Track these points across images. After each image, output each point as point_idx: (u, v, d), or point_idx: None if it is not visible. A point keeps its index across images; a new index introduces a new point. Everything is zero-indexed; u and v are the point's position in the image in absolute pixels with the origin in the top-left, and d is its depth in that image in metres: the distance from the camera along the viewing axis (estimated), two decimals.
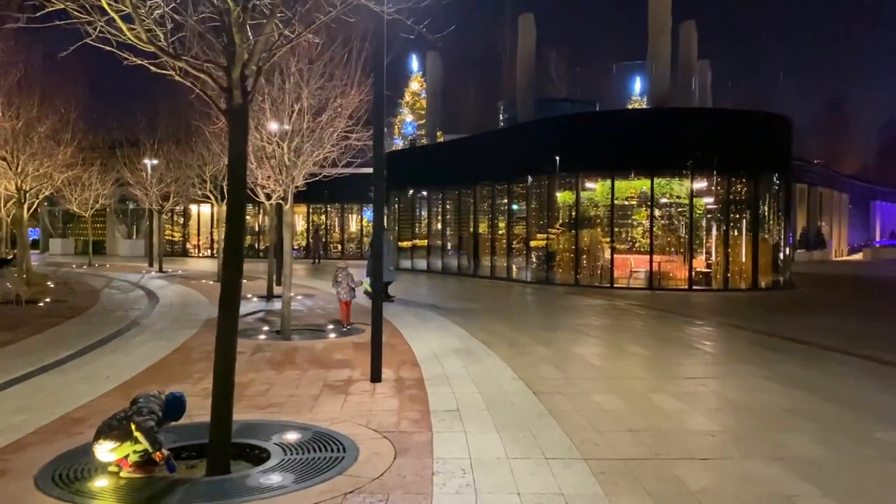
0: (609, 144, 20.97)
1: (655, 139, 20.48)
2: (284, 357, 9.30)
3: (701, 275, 21.10)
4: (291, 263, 11.52)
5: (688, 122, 20.89)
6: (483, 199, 25.51)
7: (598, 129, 21.41)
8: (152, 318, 13.77)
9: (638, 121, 21.44)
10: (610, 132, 21.14)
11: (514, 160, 23.35)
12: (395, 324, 12.53)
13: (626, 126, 21.16)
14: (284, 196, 11.24)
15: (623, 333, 11.94)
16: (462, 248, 26.33)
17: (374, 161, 8.02)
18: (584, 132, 21.67)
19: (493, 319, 13.37)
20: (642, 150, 20.58)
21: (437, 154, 28.53)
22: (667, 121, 21.00)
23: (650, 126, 20.81)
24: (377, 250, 15.36)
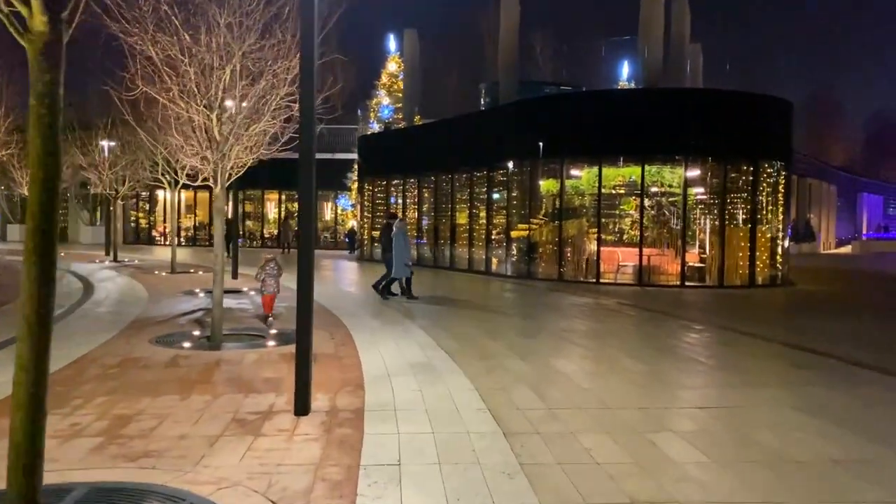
0: (596, 128, 19.31)
1: (647, 122, 18.84)
2: (200, 374, 7.54)
3: (694, 270, 19.55)
4: (223, 256, 9.73)
5: (682, 105, 19.25)
6: (462, 186, 23.78)
7: (585, 110, 19.71)
8: (73, 316, 11.94)
9: (628, 102, 19.76)
10: (597, 114, 19.46)
11: (495, 145, 21.63)
12: (350, 326, 10.80)
13: (616, 108, 19.49)
14: (214, 177, 9.45)
15: (613, 341, 10.28)
16: (439, 239, 24.60)
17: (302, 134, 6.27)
18: (569, 114, 19.97)
19: (465, 321, 11.67)
20: (632, 135, 18.95)
21: (413, 138, 26.73)
22: (659, 102, 19.34)
23: (641, 108, 19.15)
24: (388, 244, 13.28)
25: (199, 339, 9.70)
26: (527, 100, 21.82)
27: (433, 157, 24.50)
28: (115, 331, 10.34)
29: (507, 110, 21.89)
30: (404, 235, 14.76)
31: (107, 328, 10.52)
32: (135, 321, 11.43)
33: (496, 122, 22.25)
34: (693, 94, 20.26)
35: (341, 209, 39.58)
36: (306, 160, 6.12)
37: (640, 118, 18.94)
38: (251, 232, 40.86)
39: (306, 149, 6.14)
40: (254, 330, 10.50)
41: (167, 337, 9.73)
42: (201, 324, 11.02)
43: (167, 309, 12.81)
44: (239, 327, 10.74)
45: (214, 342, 9.43)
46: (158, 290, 16.08)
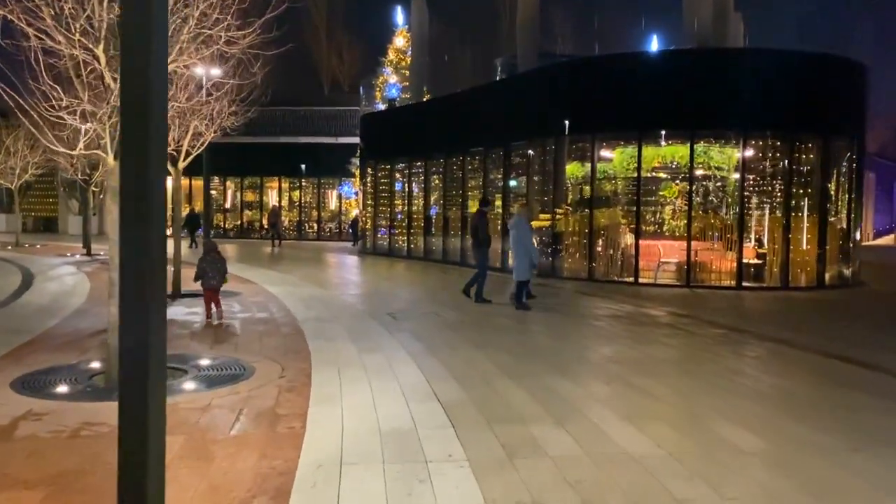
0: (635, 98, 16.11)
1: (696, 91, 15.63)
2: (25, 462, 4.55)
3: (751, 268, 16.35)
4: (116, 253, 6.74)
5: (739, 69, 15.98)
6: (475, 170, 20.67)
7: (621, 77, 16.48)
8: None
9: (673, 66, 16.45)
10: (636, 82, 16.23)
11: (513, 121, 18.51)
12: (316, 353, 7.81)
13: (658, 73, 16.23)
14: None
15: (688, 382, 7.17)
16: (448, 230, 21.52)
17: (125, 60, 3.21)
18: (602, 82, 16.77)
19: (474, 345, 8.61)
20: (678, 106, 15.76)
21: (420, 116, 23.62)
22: (712, 66, 16.07)
23: (690, 74, 15.89)
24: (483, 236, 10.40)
25: (91, 377, 6.74)
26: (550, 65, 18.68)
27: (442, 137, 21.41)
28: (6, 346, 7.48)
29: (527, 79, 18.74)
30: (530, 227, 11.68)
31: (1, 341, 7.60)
32: (36, 338, 8.57)
33: (514, 95, 19.10)
34: (753, 56, 16.93)
35: (345, 198, 36.61)
36: (137, 97, 3.05)
37: (687, 86, 15.72)
38: (250, 223, 38.02)
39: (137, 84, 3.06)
40: (181, 357, 7.50)
41: (46, 374, 6.76)
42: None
43: (93, 320, 9.87)
44: None
45: (109, 383, 6.50)
46: (105, 293, 13.16)
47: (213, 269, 10.20)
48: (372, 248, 25.29)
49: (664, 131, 16.41)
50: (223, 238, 36.46)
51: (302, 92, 42.64)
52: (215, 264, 10.30)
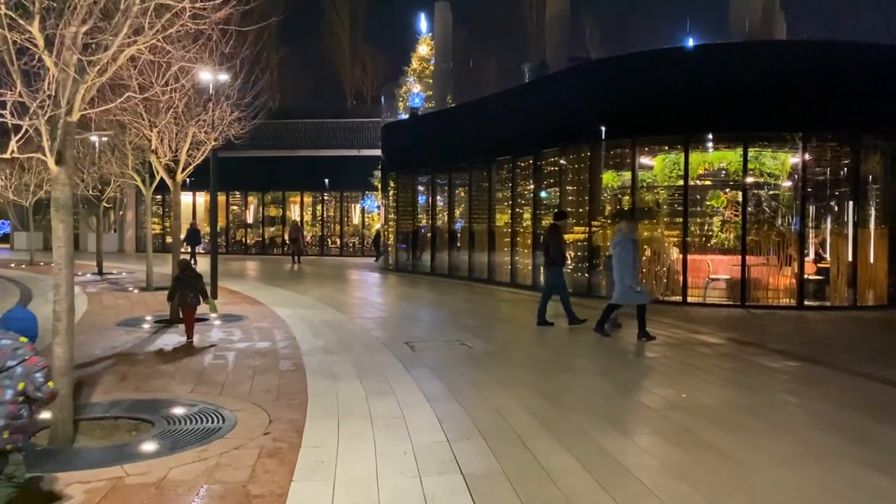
0: (681, 99, 14.60)
1: (750, 89, 14.07)
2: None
3: (812, 285, 14.69)
4: (70, 282, 5.41)
5: (798, 63, 14.37)
6: (503, 180, 19.28)
7: (665, 76, 14.97)
8: None
9: (727, 60, 14.83)
10: (682, 81, 14.72)
11: (543, 126, 17.11)
12: (314, 397, 6.47)
13: (708, 71, 14.68)
14: (51, 146, 5.23)
15: (783, 441, 5.66)
16: (475, 245, 20.13)
17: None
18: (643, 82, 15.28)
19: (502, 386, 7.19)
20: (731, 107, 14.22)
21: (444, 124, 22.31)
22: (768, 61, 14.49)
23: (743, 70, 14.33)
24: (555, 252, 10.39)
25: (34, 433, 5.46)
26: (584, 64, 17.26)
27: (467, 146, 20.07)
28: None
29: (559, 80, 17.34)
30: (634, 245, 10.10)
31: None
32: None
33: (545, 98, 17.70)
34: (814, 48, 15.26)
35: (368, 213, 35.46)
36: None
37: (739, 83, 14.17)
38: (271, 238, 37.00)
39: None
40: (153, 404, 6.18)
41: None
42: (81, 391, 6.77)
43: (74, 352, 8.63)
44: (130, 399, 6.45)
45: (54, 441, 5.23)
46: (98, 317, 12.03)
47: (189, 288, 9.61)
48: (394, 264, 23.98)
49: (713, 134, 14.87)
50: (244, 254, 35.52)
51: (324, 104, 41.77)
52: (191, 282, 9.67)
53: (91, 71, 5.01)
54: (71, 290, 5.35)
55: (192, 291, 9.65)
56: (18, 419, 3.66)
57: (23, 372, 3.63)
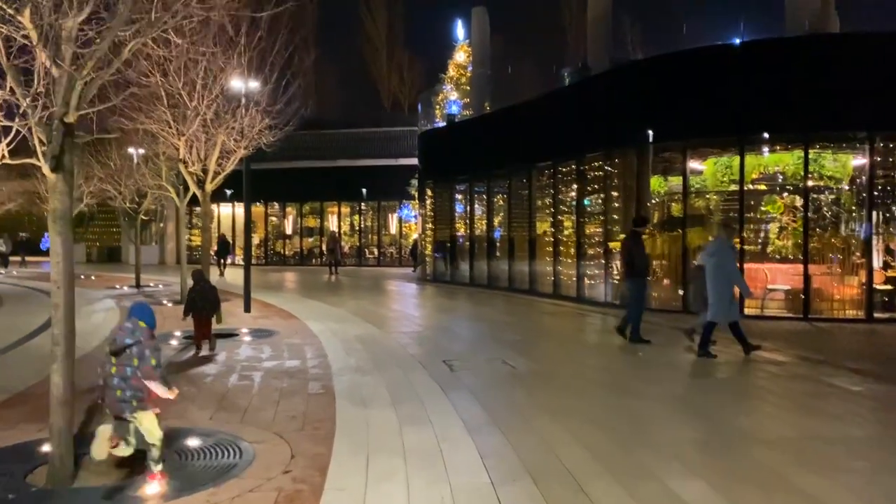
0: (736, 98, 13.68)
1: (813, 86, 13.11)
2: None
3: (882, 296, 13.60)
4: (69, 302, 4.83)
5: (864, 56, 13.32)
6: (543, 187, 18.53)
7: (719, 73, 14.08)
8: None
9: (785, 56, 13.87)
10: (738, 77, 13.79)
11: (587, 130, 16.35)
12: (342, 425, 5.84)
13: (765, 66, 13.71)
14: (46, 153, 4.72)
15: (891, 485, 4.84)
16: (515, 254, 19.39)
17: None
18: (694, 81, 14.40)
19: (552, 415, 6.47)
20: (790, 105, 13.28)
21: (482, 130, 21.65)
22: (830, 54, 13.49)
23: (804, 64, 13.36)
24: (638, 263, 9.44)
25: (32, 469, 4.94)
26: (630, 64, 16.45)
27: (506, 152, 19.38)
28: None
29: (603, 81, 16.56)
30: (734, 252, 9.21)
31: None
32: (12, 399, 6.97)
33: (588, 100, 16.93)
34: (877, 41, 14.11)
35: (405, 221, 34.98)
36: None
37: (800, 80, 13.23)
38: (310, 249, 36.74)
39: None
40: (168, 433, 5.63)
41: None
42: (93, 417, 6.25)
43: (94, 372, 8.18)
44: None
45: (52, 481, 4.69)
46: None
47: (203, 300, 9.49)
48: (432, 274, 23.37)
49: (770, 135, 13.92)
50: (283, 265, 35.32)
51: (361, 114, 41.49)
52: (206, 293, 9.55)
53: (87, 65, 4.47)
54: (70, 311, 4.80)
55: (206, 303, 9.50)
56: (140, 391, 4.49)
57: (138, 351, 4.49)
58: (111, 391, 4.50)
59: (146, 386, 4.48)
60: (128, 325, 4.57)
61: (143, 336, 4.54)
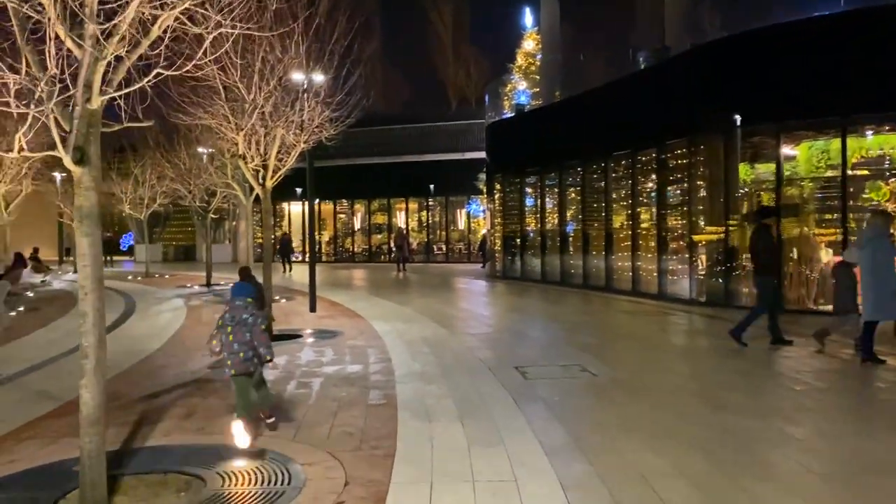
0: (837, 75, 12.37)
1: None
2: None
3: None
4: (98, 309, 4.30)
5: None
6: (620, 178, 17.49)
7: (817, 48, 12.78)
8: None
9: (893, 26, 12.50)
10: (839, 52, 12.47)
11: (668, 115, 15.25)
12: (403, 451, 5.17)
13: (871, 39, 12.34)
14: (66, 140, 4.23)
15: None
16: (589, 250, 18.42)
17: None
18: (790, 57, 13.12)
19: (643, 436, 5.66)
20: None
21: (553, 119, 20.71)
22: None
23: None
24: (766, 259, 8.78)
25: (61, 497, 4.48)
26: (716, 42, 15.16)
27: (579, 142, 18.43)
28: None
29: (686, 62, 15.39)
30: (889, 239, 8.18)
31: None
32: (62, 408, 6.60)
33: (669, 83, 15.80)
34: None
35: (473, 216, 34.33)
36: None
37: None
38: (378, 246, 36.53)
39: None
40: (212, 452, 5.11)
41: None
42: (139, 430, 5.81)
43: (153, 378, 7.86)
44: (196, 444, 5.41)
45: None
46: (190, 334, 11.37)
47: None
48: (502, 271, 22.59)
49: (876, 115, 12.54)
50: (351, 262, 35.23)
51: (428, 109, 41.02)
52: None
53: (110, 44, 3.94)
54: (100, 319, 4.30)
55: None
56: (256, 353, 5.47)
57: (252, 319, 5.47)
58: (235, 355, 5.42)
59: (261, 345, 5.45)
60: (238, 304, 5.52)
61: (254, 308, 5.59)
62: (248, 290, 5.65)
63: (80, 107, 4.03)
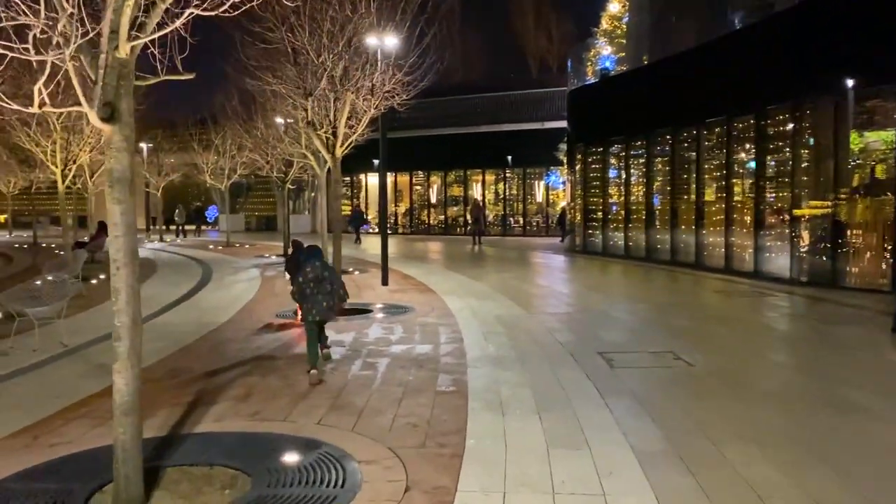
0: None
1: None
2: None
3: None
4: (132, 285, 3.85)
5: None
6: (713, 147, 16.23)
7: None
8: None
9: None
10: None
11: (770, 78, 13.92)
12: (472, 451, 4.56)
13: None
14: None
15: None
16: (678, 224, 17.26)
17: None
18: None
19: (755, 443, 4.85)
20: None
21: (641, 84, 19.46)
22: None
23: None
24: None
25: (93, 493, 4.09)
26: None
27: (669, 108, 17.21)
28: None
29: (795, 15, 13.92)
30: None
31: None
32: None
33: (771, 41, 14.40)
34: None
35: (552, 188, 33.26)
36: None
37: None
38: (454, 218, 35.99)
39: None
40: (263, 442, 4.66)
41: (32, 480, 4.24)
42: (191, 413, 5.44)
43: (214, 355, 7.55)
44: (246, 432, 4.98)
45: None
46: (261, 306, 11.11)
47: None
48: (582, 246, 21.62)
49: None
50: (427, 234, 34.84)
51: (506, 77, 39.86)
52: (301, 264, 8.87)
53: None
54: (134, 297, 3.84)
55: None
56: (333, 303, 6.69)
57: (330, 275, 6.69)
58: (318, 304, 6.55)
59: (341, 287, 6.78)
60: (317, 264, 6.64)
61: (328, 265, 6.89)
62: (319, 254, 6.88)
63: (106, 54, 3.53)
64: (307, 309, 6.55)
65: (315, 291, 6.51)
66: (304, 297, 6.56)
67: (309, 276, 6.53)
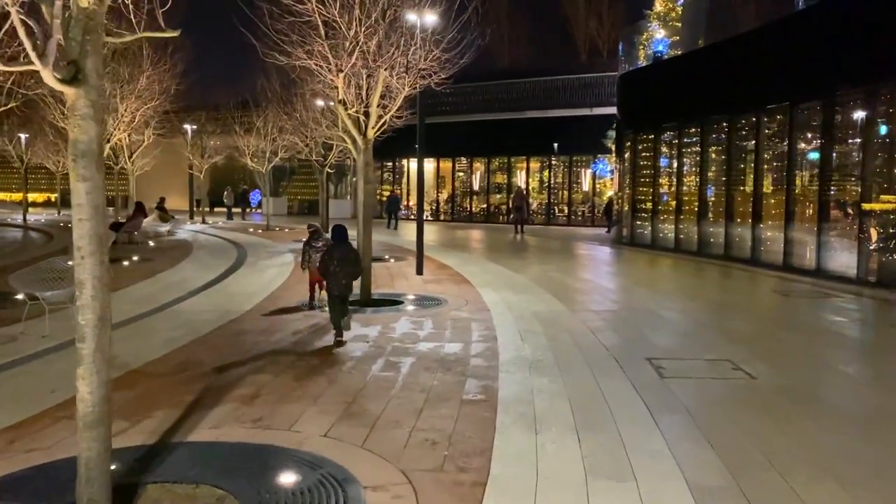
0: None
1: None
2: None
3: None
4: (99, 276, 3.29)
5: None
6: (773, 135, 15.15)
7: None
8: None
9: None
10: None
11: (841, 59, 12.80)
12: (497, 479, 3.89)
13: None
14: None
15: None
16: (733, 217, 16.21)
17: None
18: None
19: (845, 485, 4.08)
20: None
21: (695, 68, 18.38)
22: None
23: None
24: None
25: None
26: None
27: (725, 94, 16.15)
28: None
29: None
30: None
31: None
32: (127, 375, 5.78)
33: (842, 22, 13.25)
34: None
35: (599, 177, 32.20)
36: None
37: None
38: (497, 206, 35.20)
39: None
40: (262, 455, 4.08)
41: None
42: (189, 417, 4.90)
43: (234, 346, 7.03)
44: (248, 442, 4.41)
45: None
46: (286, 294, 10.62)
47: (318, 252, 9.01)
48: (629, 238, 20.65)
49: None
50: (469, 222, 34.14)
51: (554, 61, 38.75)
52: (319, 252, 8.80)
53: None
54: (102, 291, 3.27)
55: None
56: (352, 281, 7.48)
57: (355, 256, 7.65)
58: (339, 280, 7.21)
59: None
60: (344, 246, 7.38)
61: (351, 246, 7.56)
62: (345, 235, 7.49)
63: (67, 5, 2.95)
64: (331, 285, 7.26)
65: (337, 269, 7.16)
66: (328, 274, 7.22)
67: (335, 256, 7.20)
